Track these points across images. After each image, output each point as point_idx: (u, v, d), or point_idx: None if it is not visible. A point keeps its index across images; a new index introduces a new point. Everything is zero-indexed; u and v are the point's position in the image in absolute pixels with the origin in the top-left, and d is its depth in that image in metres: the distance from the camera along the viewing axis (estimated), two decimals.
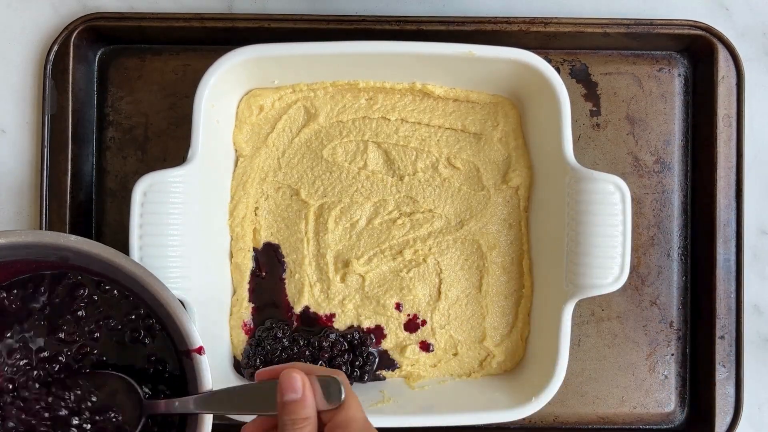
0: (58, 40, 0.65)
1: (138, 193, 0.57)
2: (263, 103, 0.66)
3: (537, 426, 0.68)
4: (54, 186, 0.65)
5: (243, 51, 0.60)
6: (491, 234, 0.66)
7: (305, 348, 0.65)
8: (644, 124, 0.69)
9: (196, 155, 0.59)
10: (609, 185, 0.58)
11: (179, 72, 0.68)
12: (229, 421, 0.61)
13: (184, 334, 0.54)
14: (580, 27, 0.66)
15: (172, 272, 0.58)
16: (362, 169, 0.66)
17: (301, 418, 0.47)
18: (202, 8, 0.68)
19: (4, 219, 0.67)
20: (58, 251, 0.55)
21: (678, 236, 0.69)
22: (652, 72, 0.69)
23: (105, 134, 0.68)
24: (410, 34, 0.65)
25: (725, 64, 0.67)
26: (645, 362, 0.68)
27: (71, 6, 0.68)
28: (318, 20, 0.65)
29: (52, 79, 0.66)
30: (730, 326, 0.67)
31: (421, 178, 0.66)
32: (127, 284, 0.57)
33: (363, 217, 0.66)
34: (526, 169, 0.66)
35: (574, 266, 0.59)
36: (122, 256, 0.54)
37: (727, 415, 0.66)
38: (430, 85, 0.65)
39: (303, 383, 0.48)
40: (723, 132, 0.67)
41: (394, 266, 0.66)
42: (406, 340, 0.66)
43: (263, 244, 0.66)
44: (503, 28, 0.66)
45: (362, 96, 0.66)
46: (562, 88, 0.61)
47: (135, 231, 0.57)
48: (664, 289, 0.69)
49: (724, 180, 0.67)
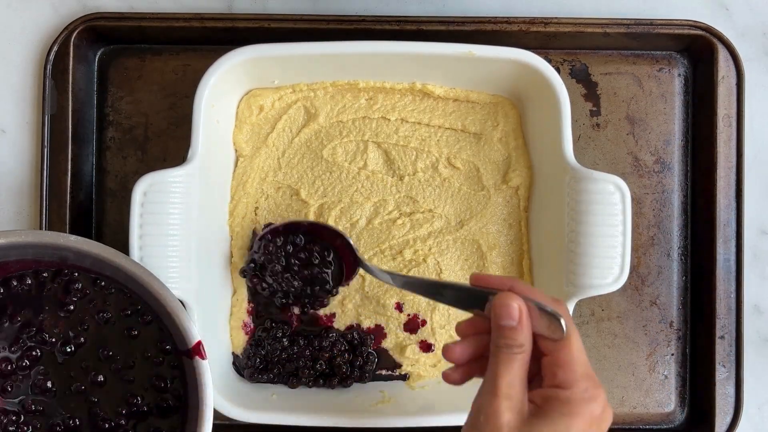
0: (58, 40, 0.65)
1: (138, 193, 0.57)
2: (263, 103, 0.66)
3: None
4: (54, 186, 0.65)
5: (243, 51, 0.60)
6: (491, 234, 0.66)
7: (305, 348, 0.65)
8: (644, 124, 0.69)
9: (196, 155, 0.59)
10: (609, 185, 0.58)
11: (179, 72, 0.68)
12: (229, 421, 0.61)
13: (184, 333, 0.54)
14: (580, 27, 0.66)
15: (172, 272, 0.58)
16: (362, 169, 0.66)
17: (516, 345, 0.45)
18: (202, 8, 0.68)
19: (4, 219, 0.67)
20: (58, 251, 0.55)
21: (678, 236, 0.69)
22: (652, 72, 0.69)
23: (105, 134, 0.68)
24: (410, 34, 0.65)
25: (725, 64, 0.67)
26: (645, 362, 0.68)
27: (71, 6, 0.68)
28: (318, 20, 0.65)
29: (52, 79, 0.66)
30: (730, 326, 0.67)
31: (421, 178, 0.66)
32: (126, 284, 0.57)
33: (363, 217, 0.66)
34: (526, 169, 0.66)
35: (574, 266, 0.59)
36: (122, 256, 0.54)
37: (727, 415, 0.66)
38: (430, 85, 0.65)
39: (520, 311, 0.45)
40: (723, 132, 0.67)
41: (394, 266, 0.66)
42: (406, 340, 0.66)
43: None
44: (503, 28, 0.66)
45: (362, 96, 0.66)
46: (562, 88, 0.61)
47: (135, 231, 0.57)
48: (664, 289, 0.69)
49: (724, 180, 0.67)
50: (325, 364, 0.65)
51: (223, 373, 0.64)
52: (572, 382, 0.44)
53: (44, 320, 0.57)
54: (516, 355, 0.45)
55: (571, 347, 0.45)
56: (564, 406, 0.43)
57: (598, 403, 0.44)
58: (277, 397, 0.64)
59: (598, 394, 0.44)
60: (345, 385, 0.65)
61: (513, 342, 0.45)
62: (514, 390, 0.44)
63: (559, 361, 0.45)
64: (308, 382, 0.65)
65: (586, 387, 0.44)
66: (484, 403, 0.44)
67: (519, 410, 0.44)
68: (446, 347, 0.50)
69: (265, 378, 0.65)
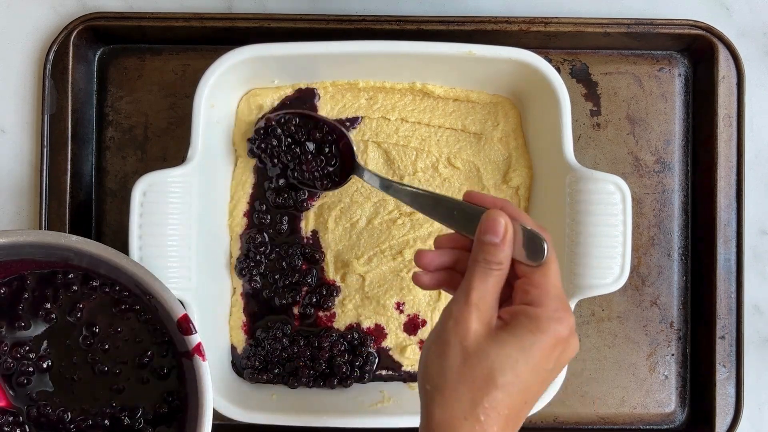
0: (57, 40, 0.65)
1: (137, 193, 0.57)
2: (263, 102, 0.66)
3: (537, 426, 0.68)
4: (54, 186, 0.65)
5: (243, 51, 0.60)
6: None
7: (305, 348, 0.65)
8: (645, 123, 0.69)
9: (195, 155, 0.59)
10: (609, 185, 0.58)
11: (179, 72, 0.68)
12: (230, 421, 0.61)
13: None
14: (581, 27, 0.66)
15: (172, 272, 0.58)
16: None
17: (495, 262, 0.45)
18: (202, 8, 0.68)
19: (4, 219, 0.67)
20: (59, 251, 0.55)
21: (678, 236, 0.69)
22: (653, 72, 0.69)
23: (104, 134, 0.68)
24: (410, 34, 0.65)
25: (726, 63, 0.67)
26: (645, 362, 0.68)
27: (71, 6, 0.68)
28: (318, 20, 0.65)
29: (51, 78, 0.65)
30: (730, 326, 0.67)
31: (421, 178, 0.66)
32: (126, 284, 0.57)
33: (363, 217, 0.66)
34: (526, 169, 0.66)
35: (575, 266, 0.59)
36: (122, 256, 0.54)
37: (727, 416, 0.66)
38: (430, 85, 0.65)
39: (506, 229, 0.46)
40: (723, 132, 0.67)
41: (394, 266, 0.66)
42: (406, 341, 0.66)
43: None
44: (503, 28, 0.66)
45: (362, 96, 0.66)
46: (562, 88, 0.60)
47: (135, 231, 0.57)
48: (665, 289, 0.68)
49: (724, 180, 0.67)
50: (325, 364, 0.65)
51: (223, 374, 0.64)
52: (543, 301, 0.45)
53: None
54: (492, 271, 0.45)
55: (548, 271, 0.46)
56: (531, 322, 0.44)
57: (564, 325, 0.44)
58: (277, 397, 0.64)
59: (567, 317, 0.45)
60: (345, 385, 0.65)
61: (492, 258, 0.45)
62: (484, 303, 0.45)
63: (533, 281, 0.46)
64: (308, 382, 0.65)
65: (556, 308, 0.45)
66: (455, 311, 0.45)
67: (487, 322, 0.45)
68: (418, 252, 0.51)
69: (265, 378, 0.65)
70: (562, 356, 0.45)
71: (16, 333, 0.57)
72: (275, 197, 0.65)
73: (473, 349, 0.44)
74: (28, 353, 0.57)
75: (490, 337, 0.44)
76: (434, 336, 0.46)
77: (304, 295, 0.66)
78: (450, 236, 0.51)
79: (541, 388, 0.45)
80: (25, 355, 0.57)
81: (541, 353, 0.44)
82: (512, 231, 0.46)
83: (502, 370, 0.43)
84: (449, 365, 0.44)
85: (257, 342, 0.65)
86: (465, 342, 0.44)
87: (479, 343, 0.44)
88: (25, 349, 0.57)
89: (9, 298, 0.57)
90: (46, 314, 0.57)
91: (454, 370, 0.44)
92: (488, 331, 0.44)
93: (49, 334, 0.58)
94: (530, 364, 0.43)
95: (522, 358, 0.43)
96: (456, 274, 0.50)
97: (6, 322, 0.57)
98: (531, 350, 0.43)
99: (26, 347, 0.57)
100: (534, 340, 0.43)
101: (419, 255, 0.51)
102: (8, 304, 0.57)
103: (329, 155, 0.63)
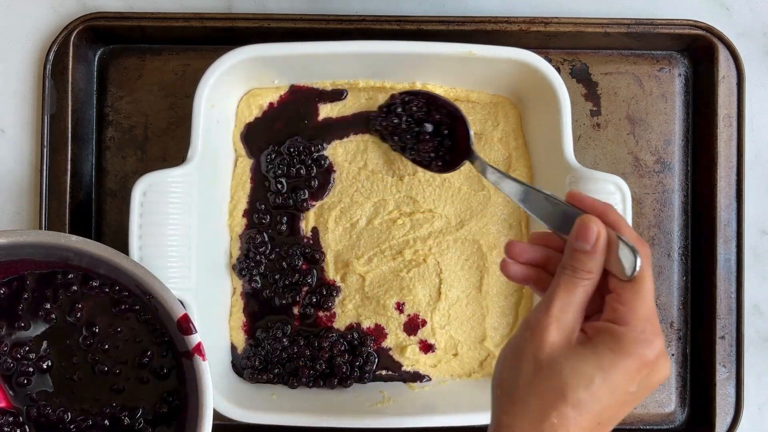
0: (57, 40, 0.65)
1: (137, 193, 0.57)
2: (263, 102, 0.66)
3: None
4: (54, 186, 0.65)
5: (243, 51, 0.60)
6: (491, 234, 0.66)
7: (305, 348, 0.65)
8: (645, 123, 0.69)
9: (195, 155, 0.59)
10: (609, 185, 0.58)
11: (179, 72, 0.68)
12: (229, 421, 0.61)
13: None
14: (581, 27, 0.66)
15: (172, 272, 0.58)
16: (362, 169, 0.66)
17: (584, 270, 0.43)
18: (202, 8, 0.68)
19: (4, 219, 0.67)
20: (59, 251, 0.55)
21: (678, 236, 0.69)
22: (653, 72, 0.69)
23: (104, 134, 0.68)
24: (410, 34, 0.65)
25: (726, 63, 0.67)
26: None
27: (71, 6, 0.68)
28: (318, 20, 0.65)
29: (51, 78, 0.65)
30: (730, 326, 0.67)
31: (421, 178, 0.66)
32: (126, 284, 0.57)
33: (363, 217, 0.66)
34: (526, 169, 0.66)
35: None
36: (122, 256, 0.54)
37: (727, 416, 0.66)
38: (430, 85, 0.65)
39: (598, 236, 0.43)
40: (723, 132, 0.67)
41: (394, 266, 0.66)
42: (407, 341, 0.66)
43: None
44: (503, 28, 0.66)
45: (362, 96, 0.66)
46: (562, 88, 0.60)
47: (135, 231, 0.57)
48: (665, 289, 0.68)
49: (724, 180, 0.67)
50: (325, 364, 0.65)
51: (223, 374, 0.64)
52: (629, 321, 0.42)
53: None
54: (579, 281, 0.43)
55: (640, 288, 0.43)
56: (614, 341, 0.42)
57: (651, 349, 0.42)
58: (277, 397, 0.64)
59: (655, 340, 0.42)
60: (345, 386, 0.65)
61: (581, 266, 0.43)
62: (566, 315, 0.43)
63: (622, 298, 0.43)
64: (308, 382, 0.65)
65: (643, 329, 0.42)
66: (533, 320, 0.43)
67: (567, 335, 0.43)
68: (510, 241, 0.49)
69: (265, 378, 0.65)
70: (648, 379, 0.42)
71: (16, 333, 0.57)
72: (275, 197, 0.65)
73: (546, 362, 0.42)
74: (28, 353, 0.57)
75: (568, 351, 0.42)
76: (512, 343, 0.45)
77: (304, 295, 0.66)
78: (545, 234, 0.49)
79: (621, 411, 0.43)
80: (25, 355, 0.57)
81: (623, 375, 0.41)
82: (605, 239, 0.44)
83: (574, 386, 0.41)
84: (521, 375, 0.43)
85: (257, 342, 0.65)
86: (539, 354, 0.42)
87: (554, 357, 0.42)
88: (25, 350, 0.57)
89: (9, 298, 0.57)
90: (45, 314, 0.57)
91: (525, 381, 0.42)
92: (567, 344, 0.42)
93: (49, 334, 0.58)
94: (609, 385, 0.41)
95: (599, 376, 0.41)
96: (545, 274, 0.48)
97: (6, 322, 0.57)
98: (611, 371, 0.41)
99: (26, 347, 0.57)
100: (615, 361, 0.41)
101: (510, 244, 0.49)
102: (8, 305, 0.57)
103: (445, 138, 0.62)
